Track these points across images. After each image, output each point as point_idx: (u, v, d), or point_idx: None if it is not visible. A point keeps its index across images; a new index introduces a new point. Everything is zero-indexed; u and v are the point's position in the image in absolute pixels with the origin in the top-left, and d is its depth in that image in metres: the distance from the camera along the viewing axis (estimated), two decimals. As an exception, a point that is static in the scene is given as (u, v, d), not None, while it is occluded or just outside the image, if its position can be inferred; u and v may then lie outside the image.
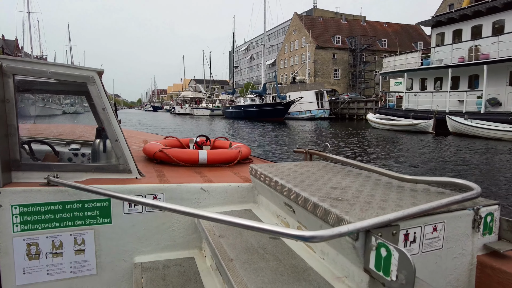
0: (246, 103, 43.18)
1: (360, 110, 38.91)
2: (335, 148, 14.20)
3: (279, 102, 36.54)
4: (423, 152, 12.88)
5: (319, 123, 33.06)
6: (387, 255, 1.00)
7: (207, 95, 65.16)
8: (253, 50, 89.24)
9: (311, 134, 22.50)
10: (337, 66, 58.52)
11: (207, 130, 26.36)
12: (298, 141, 17.70)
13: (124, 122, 35.88)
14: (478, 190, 1.25)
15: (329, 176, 1.83)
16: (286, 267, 1.37)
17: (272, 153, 12.94)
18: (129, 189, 1.94)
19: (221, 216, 1.13)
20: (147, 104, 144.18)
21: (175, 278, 1.76)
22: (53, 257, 1.84)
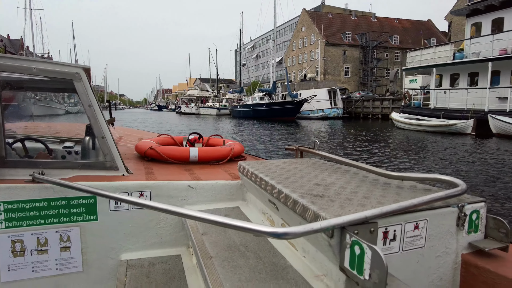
0: (254, 102, 40.96)
1: (375, 109, 36.56)
2: (359, 153, 11.99)
3: (290, 101, 34.27)
4: (474, 159, 10.60)
5: (332, 123, 30.87)
6: (360, 253, 0.97)
7: (214, 94, 62.86)
8: (259, 48, 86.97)
9: (326, 135, 20.40)
10: (348, 64, 56.17)
11: (214, 131, 24.29)
12: (311, 143, 15.45)
13: (128, 122, 34.01)
14: (463, 187, 1.21)
15: (316, 173, 1.80)
16: (266, 265, 1.35)
17: (284, 156, 10.98)
18: (115, 186, 1.92)
19: (196, 213, 1.11)
20: (152, 104, 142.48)
21: (159, 275, 1.76)
22: (38, 254, 1.82)
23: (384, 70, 55.96)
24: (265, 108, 37.24)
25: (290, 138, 18.70)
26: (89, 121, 2.00)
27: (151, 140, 3.01)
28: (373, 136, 18.62)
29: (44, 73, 1.88)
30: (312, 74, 45.04)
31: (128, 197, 1.40)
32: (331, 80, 42.45)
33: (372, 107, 36.95)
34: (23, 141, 2.47)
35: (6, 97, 2.42)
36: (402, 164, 10.12)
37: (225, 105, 55.00)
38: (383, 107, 35.72)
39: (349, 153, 12.28)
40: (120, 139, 4.08)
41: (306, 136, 19.99)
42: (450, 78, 21.60)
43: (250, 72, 74.53)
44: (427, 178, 1.44)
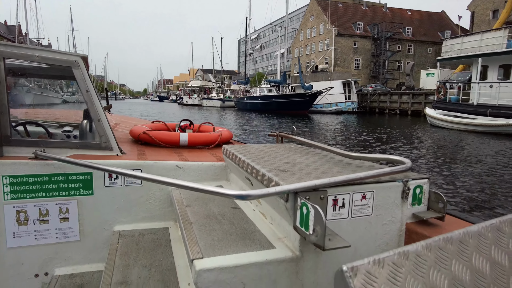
0: (262, 94, 37.77)
1: (393, 104, 33.47)
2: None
3: (303, 93, 31.11)
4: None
5: (347, 118, 27.87)
6: (307, 213, 1.11)
7: (218, 85, 59.39)
8: (264, 39, 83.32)
9: (344, 131, 17.52)
10: (358, 56, 52.84)
11: (219, 124, 21.30)
12: (335, 144, 12.60)
13: (127, 112, 31.14)
14: (408, 165, 1.33)
15: (289, 154, 1.91)
16: (237, 229, 1.48)
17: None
18: (109, 164, 2.00)
19: (175, 180, 1.26)
20: (153, 94, 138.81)
21: (147, 243, 1.90)
22: (40, 223, 1.95)
23: (395, 63, 52.71)
24: (274, 101, 34.06)
25: (304, 134, 15.86)
26: (86, 105, 2.09)
27: (145, 125, 3.14)
28: (404, 135, 15.65)
29: (46, 61, 1.98)
30: (324, 65, 41.69)
31: (121, 169, 1.48)
32: (346, 72, 39.20)
33: (390, 102, 33.88)
34: (25, 125, 2.60)
35: (9, 83, 2.52)
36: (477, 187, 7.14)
37: (230, 96, 51.64)
38: (402, 101, 32.64)
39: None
40: (116, 125, 4.14)
41: (322, 132, 17.12)
42: (503, 69, 18.22)
43: (254, 63, 71.03)
44: (380, 158, 1.62)
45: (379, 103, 34.95)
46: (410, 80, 37.42)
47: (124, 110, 34.32)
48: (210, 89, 58.12)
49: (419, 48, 54.53)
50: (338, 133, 16.87)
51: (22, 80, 3.21)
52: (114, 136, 2.21)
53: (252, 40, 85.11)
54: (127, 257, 1.75)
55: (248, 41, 60.28)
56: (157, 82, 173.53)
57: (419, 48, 54.51)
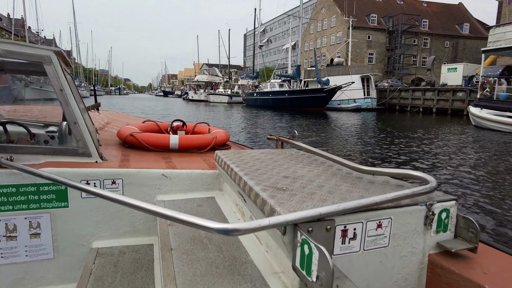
0: (274, 89, 34.93)
1: (415, 101, 30.61)
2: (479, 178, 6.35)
3: (320, 88, 28.27)
4: None
5: (366, 116, 25.26)
6: (309, 253, 0.91)
7: (225, 80, 56.40)
8: (271, 33, 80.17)
9: (369, 133, 14.81)
10: (372, 49, 49.79)
11: (225, 122, 18.72)
12: (368, 154, 10.02)
13: (129, 109, 28.23)
14: (433, 185, 1.11)
15: (290, 164, 1.72)
16: (226, 259, 1.27)
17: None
18: (86, 173, 1.85)
19: (136, 202, 1.07)
20: (158, 89, 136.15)
21: (127, 264, 1.72)
22: (7, 240, 1.77)
23: (411, 58, 49.61)
24: (288, 97, 31.22)
25: (320, 135, 13.40)
26: (60, 106, 1.89)
27: (134, 126, 2.84)
28: (443, 139, 12.92)
29: (12, 55, 1.77)
30: (339, 58, 38.72)
31: (94, 188, 1.28)
32: (364, 65, 36.22)
33: (412, 99, 31.00)
34: (4, 125, 2.29)
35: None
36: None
37: (237, 92, 48.78)
38: (426, 98, 29.78)
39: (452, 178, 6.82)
40: (106, 124, 3.85)
41: (340, 133, 14.61)
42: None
43: (260, 58, 67.85)
44: (398, 173, 1.34)
45: (400, 100, 32.14)
46: (431, 75, 34.39)
47: (125, 107, 31.72)
48: (217, 84, 55.19)
49: (435, 42, 51.37)
50: (359, 134, 14.44)
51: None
52: (95, 140, 2.05)
53: (259, 34, 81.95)
54: (101, 282, 1.56)
55: (258, 34, 57.32)
56: (162, 77, 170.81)
57: (435, 42, 51.35)
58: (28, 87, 4.47)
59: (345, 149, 10.40)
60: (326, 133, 15.05)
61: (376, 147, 11.00)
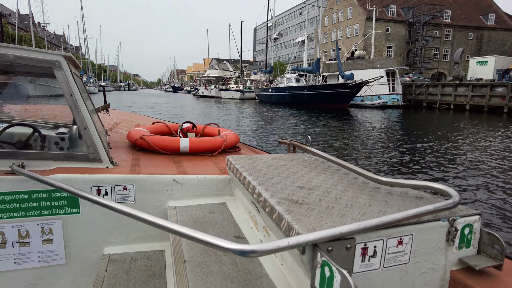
0: (290, 84, 32.39)
1: (446, 97, 27.85)
2: None
3: (344, 83, 25.70)
4: None
5: (391, 114, 22.97)
6: (330, 276, 0.88)
7: (236, 75, 53.81)
8: (281, 26, 77.19)
9: (404, 134, 12.34)
10: (391, 42, 46.74)
11: (240, 124, 16.59)
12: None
13: (138, 107, 26.22)
14: (455, 199, 1.07)
15: (304, 172, 1.67)
16: (240, 272, 1.24)
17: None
18: (97, 179, 1.83)
19: (158, 220, 1.03)
20: (167, 84, 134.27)
21: (139, 272, 1.70)
22: (20, 246, 1.77)
23: (431, 51, 46.48)
24: (307, 93, 28.70)
25: (343, 137, 11.42)
26: (71, 111, 1.87)
27: (144, 128, 2.84)
28: (489, 140, 10.66)
29: (22, 61, 1.75)
30: (360, 51, 35.95)
31: (106, 200, 1.24)
32: (390, 58, 33.41)
33: (441, 95, 28.23)
34: (16, 127, 2.34)
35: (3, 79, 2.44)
36: None
37: (250, 87, 46.28)
38: (458, 94, 26.99)
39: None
40: (116, 125, 3.81)
41: (369, 135, 12.35)
42: None
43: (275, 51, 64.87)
44: (418, 185, 1.29)
45: (427, 96, 29.40)
46: (458, 69, 31.46)
47: (134, 105, 29.61)
48: (228, 79, 52.66)
49: (458, 34, 48.09)
50: (389, 136, 12.40)
51: None
52: (106, 145, 2.00)
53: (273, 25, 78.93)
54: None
55: (263, 30, 54.56)
56: (171, 72, 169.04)
57: (458, 33, 48.07)
58: (33, 83, 4.20)
59: (372, 154, 8.95)
60: (351, 134, 12.98)
61: (407, 152, 9.35)
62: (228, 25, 62.49)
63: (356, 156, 8.66)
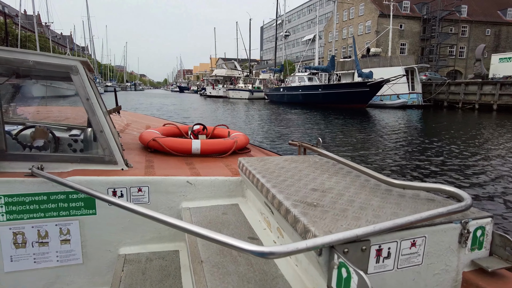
0: (303, 84, 30.69)
1: (470, 96, 25.99)
2: None
3: (363, 82, 23.98)
4: None
5: (411, 114, 21.54)
6: (347, 277, 0.90)
7: (245, 74, 51.88)
8: (289, 25, 75.31)
9: (434, 139, 10.92)
10: (404, 40, 44.78)
11: (251, 126, 15.21)
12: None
13: (143, 109, 25.36)
14: (468, 202, 1.09)
15: (316, 174, 1.69)
16: (256, 273, 1.26)
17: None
18: (113, 181, 1.87)
19: (180, 222, 1.05)
20: (173, 84, 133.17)
21: (155, 272, 1.73)
22: (39, 246, 1.81)
23: (446, 48, 44.38)
24: (322, 92, 27.00)
25: (362, 141, 10.43)
26: (87, 114, 1.91)
27: (155, 130, 2.88)
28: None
29: (40, 66, 1.79)
30: (376, 48, 34.12)
31: (122, 201, 1.27)
32: (409, 56, 31.52)
33: (464, 94, 26.35)
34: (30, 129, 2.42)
35: (16, 82, 2.44)
36: None
37: (259, 87, 44.61)
38: (483, 93, 25.11)
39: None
40: (127, 126, 3.87)
41: (390, 138, 11.31)
42: None
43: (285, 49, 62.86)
44: (430, 188, 1.31)
45: (448, 95, 27.53)
46: (480, 66, 29.48)
47: (141, 107, 28.27)
48: (236, 79, 50.92)
49: (475, 30, 45.92)
50: (414, 137, 11.56)
51: None
52: (120, 147, 2.03)
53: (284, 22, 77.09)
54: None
55: (269, 29, 52.80)
56: (177, 72, 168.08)
57: (475, 29, 45.90)
58: (44, 85, 3.96)
59: (394, 158, 8.37)
60: (371, 136, 11.78)
61: (433, 155, 8.66)
62: (236, 23, 60.94)
63: (376, 160, 8.01)
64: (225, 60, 73.11)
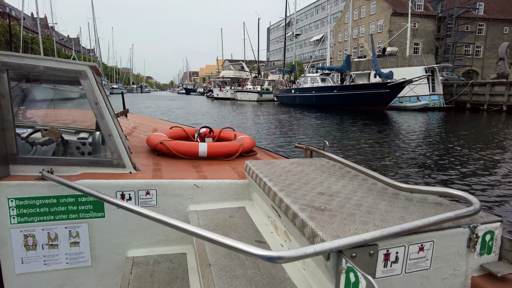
0: (316, 85, 29.02)
1: (496, 97, 24.11)
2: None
3: (383, 83, 22.26)
4: None
5: (434, 117, 19.77)
6: (355, 281, 0.89)
7: (254, 75, 49.92)
8: (296, 25, 73.66)
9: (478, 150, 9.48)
10: (418, 39, 42.86)
11: (258, 131, 13.71)
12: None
13: (149, 113, 24.25)
14: (476, 206, 1.07)
15: (323, 177, 1.68)
16: (264, 276, 1.26)
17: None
18: (121, 184, 1.88)
19: (189, 227, 1.05)
20: (179, 86, 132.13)
21: (162, 275, 1.73)
22: (49, 248, 1.82)
23: (462, 47, 42.34)
24: (337, 93, 25.31)
25: (383, 148, 9.00)
26: (96, 118, 1.92)
27: (162, 133, 2.87)
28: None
29: (51, 71, 1.81)
30: (392, 47, 32.32)
31: (131, 205, 1.27)
32: (429, 55, 29.67)
33: (490, 95, 24.48)
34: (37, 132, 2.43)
35: (27, 86, 2.42)
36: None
37: (268, 88, 42.95)
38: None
39: None
40: (134, 129, 3.88)
41: (415, 146, 9.88)
42: None
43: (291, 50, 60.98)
44: (438, 192, 1.29)
45: (472, 97, 25.67)
46: (504, 65, 27.55)
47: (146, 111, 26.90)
48: (244, 80, 49.29)
49: (492, 28, 43.84)
50: (441, 143, 10.38)
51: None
52: (128, 151, 2.03)
53: (283, 27, 75.51)
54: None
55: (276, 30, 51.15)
56: (183, 74, 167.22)
57: (492, 28, 43.82)
58: (52, 89, 3.98)
59: (418, 165, 7.65)
60: (391, 141, 10.40)
61: (462, 164, 7.73)
62: (243, 24, 59.40)
63: (400, 168, 7.21)
64: (231, 62, 71.59)
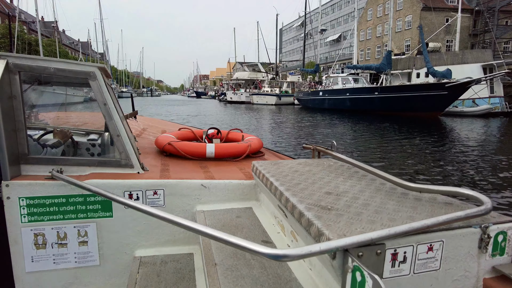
0: (349, 86, 24.69)
1: None
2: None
3: (439, 83, 17.87)
4: None
5: (497, 125, 15.64)
6: (361, 281, 0.87)
7: (271, 76, 45.11)
8: (310, 25, 69.49)
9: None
10: (450, 36, 38.15)
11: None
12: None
13: (163, 115, 20.75)
14: (488, 206, 1.02)
15: (330, 177, 1.65)
16: (269, 276, 1.24)
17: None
18: (129, 184, 1.88)
19: (195, 225, 1.02)
20: (190, 90, 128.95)
21: (169, 275, 1.73)
22: (58, 247, 1.83)
23: (501, 44, 37.49)
24: (378, 96, 20.94)
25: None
26: (104, 119, 1.92)
27: (171, 134, 2.87)
28: None
29: (61, 73, 1.83)
30: (435, 43, 27.81)
31: (138, 204, 1.26)
32: (486, 51, 25.11)
33: None
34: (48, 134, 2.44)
35: (37, 88, 2.46)
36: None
37: (287, 90, 38.75)
38: None
39: None
40: (143, 131, 3.90)
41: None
42: None
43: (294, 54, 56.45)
44: (448, 191, 1.24)
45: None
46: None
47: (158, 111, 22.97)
48: (261, 82, 45.03)
49: (533, 23, 38.78)
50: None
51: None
52: (136, 151, 2.04)
53: (296, 27, 71.33)
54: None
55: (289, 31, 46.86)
56: (194, 78, 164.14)
57: (533, 22, 38.77)
58: (63, 92, 3.99)
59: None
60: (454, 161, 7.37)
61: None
62: (256, 23, 55.33)
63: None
64: (243, 64, 67.53)
